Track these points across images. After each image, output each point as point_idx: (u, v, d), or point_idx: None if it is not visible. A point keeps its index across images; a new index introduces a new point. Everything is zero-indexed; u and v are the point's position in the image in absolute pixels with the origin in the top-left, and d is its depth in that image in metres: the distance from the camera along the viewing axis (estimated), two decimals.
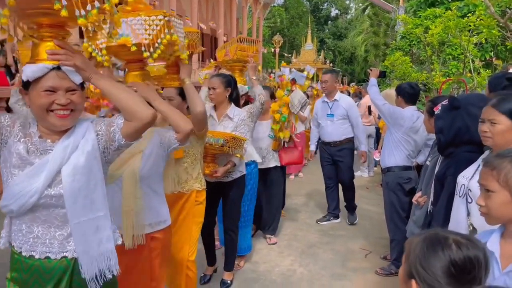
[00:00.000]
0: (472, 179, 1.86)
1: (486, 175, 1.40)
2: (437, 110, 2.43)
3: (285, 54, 22.93)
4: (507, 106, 1.75)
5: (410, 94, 3.75)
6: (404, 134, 3.68)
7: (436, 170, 2.56)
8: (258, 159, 3.88)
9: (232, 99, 3.42)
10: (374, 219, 5.31)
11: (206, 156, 3.12)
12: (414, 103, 3.82)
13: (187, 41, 2.38)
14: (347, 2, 43.29)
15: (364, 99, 8.22)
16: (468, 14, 4.56)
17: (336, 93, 5.10)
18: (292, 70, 6.06)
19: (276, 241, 4.53)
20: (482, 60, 5.93)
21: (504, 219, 1.39)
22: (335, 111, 5.01)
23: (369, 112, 6.14)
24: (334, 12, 44.51)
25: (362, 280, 3.72)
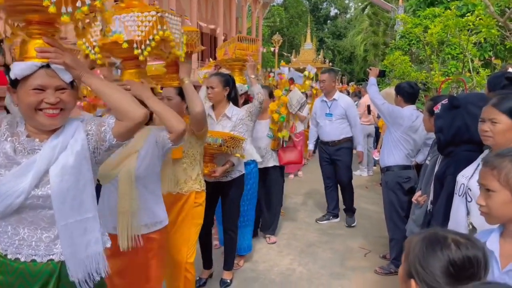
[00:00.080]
0: (472, 178, 1.86)
1: (486, 175, 1.40)
2: (437, 109, 2.43)
3: (284, 54, 22.93)
4: (507, 105, 1.75)
5: (409, 94, 3.75)
6: (403, 133, 3.68)
7: (435, 169, 2.56)
8: (258, 159, 3.87)
9: (230, 99, 3.40)
10: (374, 218, 5.31)
11: (204, 156, 3.10)
12: (414, 102, 3.83)
13: (185, 37, 2.34)
14: (347, 1, 43.22)
15: (363, 98, 8.23)
16: (467, 14, 4.57)
17: (335, 92, 5.09)
18: (291, 69, 6.06)
19: (276, 240, 4.53)
20: (481, 59, 5.92)
21: (504, 218, 1.39)
22: (334, 110, 5.00)
23: (368, 111, 6.13)
24: (333, 12, 44.46)
25: (361, 279, 3.72)
